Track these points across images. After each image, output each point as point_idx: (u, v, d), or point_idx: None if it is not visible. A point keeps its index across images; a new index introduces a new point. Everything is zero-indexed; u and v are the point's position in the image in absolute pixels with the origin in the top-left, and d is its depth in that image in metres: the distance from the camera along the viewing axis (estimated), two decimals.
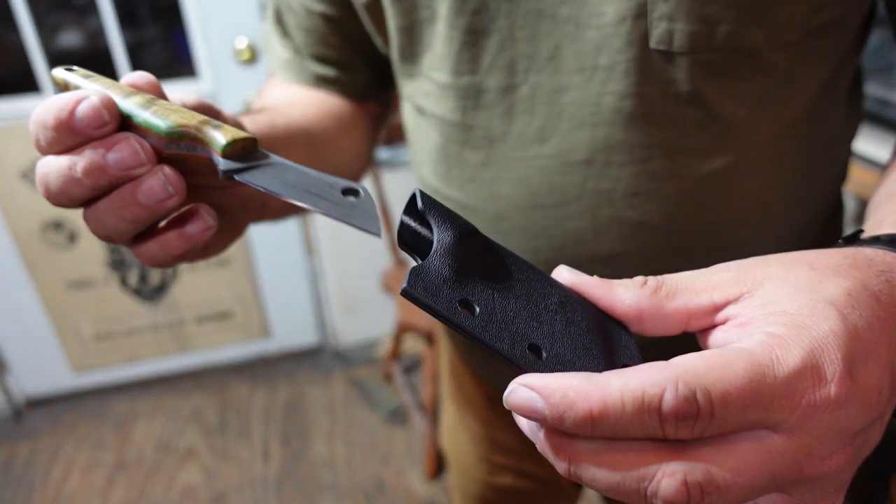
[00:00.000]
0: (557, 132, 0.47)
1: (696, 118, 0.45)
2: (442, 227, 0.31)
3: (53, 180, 0.33)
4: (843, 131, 0.54)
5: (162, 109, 0.34)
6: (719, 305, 0.28)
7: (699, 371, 0.24)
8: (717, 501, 0.24)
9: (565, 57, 0.45)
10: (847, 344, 0.25)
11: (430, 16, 0.49)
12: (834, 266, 0.29)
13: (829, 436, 0.25)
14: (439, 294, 0.28)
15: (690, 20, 0.41)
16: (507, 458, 0.75)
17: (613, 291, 0.30)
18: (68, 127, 0.32)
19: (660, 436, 0.24)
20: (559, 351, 0.28)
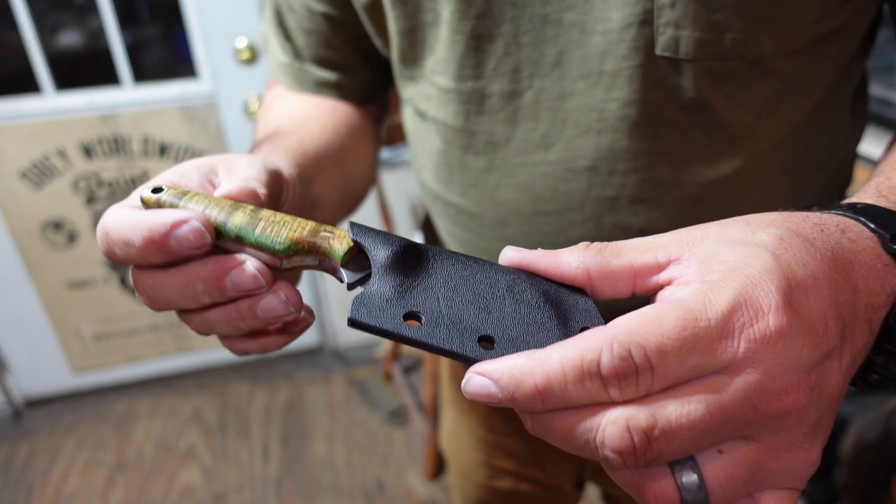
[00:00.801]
0: (561, 138, 0.47)
1: (700, 125, 0.45)
2: (375, 250, 0.32)
3: (162, 294, 0.33)
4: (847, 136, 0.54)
5: (269, 225, 0.33)
6: (662, 264, 0.29)
7: (632, 328, 0.24)
8: (667, 447, 0.25)
9: (570, 63, 0.45)
10: (781, 277, 0.26)
11: (433, 19, 0.48)
12: (768, 220, 0.30)
13: (778, 369, 0.25)
14: (383, 314, 0.30)
15: (697, 27, 0.41)
16: (508, 461, 0.75)
17: (558, 258, 0.30)
18: (162, 248, 0.31)
19: (607, 399, 0.25)
20: (511, 334, 0.29)
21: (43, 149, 1.78)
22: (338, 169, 0.54)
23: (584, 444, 0.25)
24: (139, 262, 0.33)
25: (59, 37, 1.74)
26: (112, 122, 1.79)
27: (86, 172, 1.83)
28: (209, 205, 0.34)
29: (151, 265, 0.33)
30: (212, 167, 0.38)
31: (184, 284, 0.32)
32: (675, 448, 0.25)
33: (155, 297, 0.34)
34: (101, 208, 1.89)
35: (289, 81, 0.61)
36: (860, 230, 0.31)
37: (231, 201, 0.34)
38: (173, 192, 0.34)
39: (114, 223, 0.32)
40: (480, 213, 0.53)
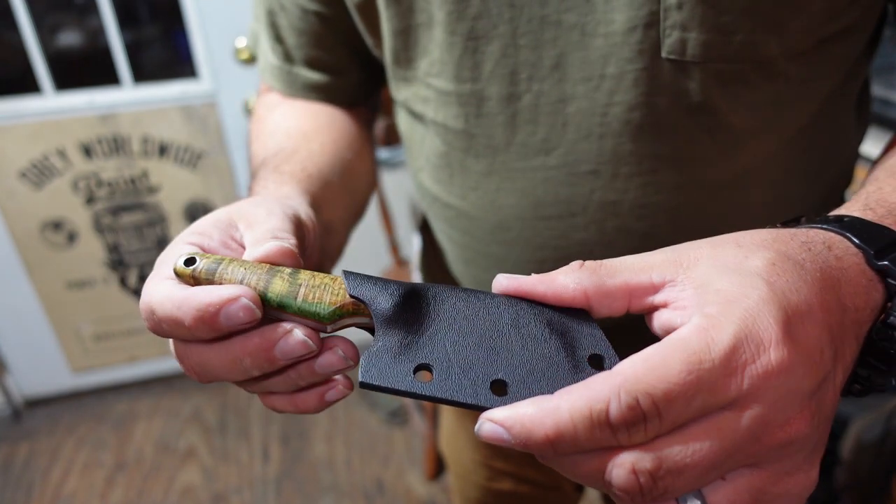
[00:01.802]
0: (562, 143, 0.47)
1: (705, 128, 0.45)
2: (375, 301, 0.32)
3: (210, 370, 0.33)
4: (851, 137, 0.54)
5: (311, 290, 0.33)
6: (657, 285, 0.29)
7: (638, 375, 0.25)
8: (672, 484, 0.25)
9: (570, 65, 0.44)
10: (778, 308, 0.26)
11: (426, 20, 0.48)
12: (758, 241, 0.30)
13: (780, 401, 0.26)
14: (394, 373, 0.29)
15: (704, 29, 0.40)
16: (507, 463, 0.74)
17: (555, 282, 0.30)
18: (213, 327, 0.31)
19: (615, 444, 0.25)
20: (521, 375, 0.29)
21: (43, 149, 1.78)
22: (344, 187, 0.54)
23: (593, 481, 0.27)
24: (188, 338, 0.32)
25: (58, 37, 1.74)
26: (112, 122, 1.79)
27: (85, 172, 1.83)
28: (246, 273, 0.33)
29: (199, 340, 0.32)
30: (230, 222, 0.38)
31: (231, 360, 0.32)
32: (681, 485, 0.26)
33: (203, 373, 0.33)
34: (100, 208, 1.89)
35: (279, 85, 0.60)
36: (846, 246, 0.31)
37: (266, 265, 0.34)
38: (208, 262, 0.33)
39: (159, 302, 0.32)
40: (480, 217, 0.52)
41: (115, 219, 1.91)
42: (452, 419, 0.80)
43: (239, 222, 0.38)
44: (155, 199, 1.91)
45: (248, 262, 0.34)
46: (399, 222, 2.02)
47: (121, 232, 1.94)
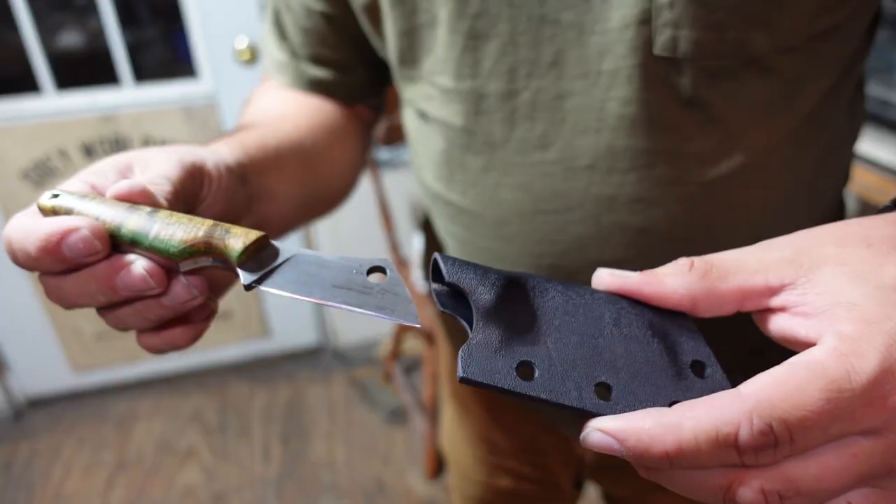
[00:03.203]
0: (560, 138, 0.47)
1: (699, 124, 0.45)
2: (476, 291, 0.30)
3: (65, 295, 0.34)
4: (846, 135, 0.54)
5: (164, 227, 0.33)
6: (774, 288, 0.28)
7: (772, 400, 0.23)
8: (801, 503, 0.25)
9: (568, 62, 0.45)
10: None
11: (430, 20, 0.48)
12: (890, 239, 0.28)
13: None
14: (495, 369, 0.28)
15: (696, 27, 0.41)
16: (506, 459, 0.75)
17: (663, 285, 0.29)
18: (56, 256, 0.32)
19: (740, 464, 0.24)
20: (625, 378, 0.28)
21: (44, 149, 1.78)
22: (304, 166, 0.54)
23: (708, 496, 0.26)
24: (40, 269, 0.33)
25: (59, 37, 1.74)
26: (113, 123, 1.79)
27: None
28: (105, 209, 0.33)
29: (52, 272, 0.33)
30: (129, 164, 0.38)
31: (80, 284, 0.33)
32: (807, 503, 0.25)
33: (60, 298, 0.34)
34: None
35: (283, 78, 0.61)
36: None
37: (129, 204, 0.34)
38: (69, 198, 0.34)
39: (13, 231, 0.33)
40: (480, 213, 0.53)
41: None
42: (453, 416, 0.81)
43: (135, 165, 0.38)
44: None
45: (110, 201, 0.34)
46: (399, 222, 2.03)
47: None
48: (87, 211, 0.33)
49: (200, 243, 0.33)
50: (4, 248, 0.34)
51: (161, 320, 0.35)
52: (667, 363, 0.28)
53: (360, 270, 0.32)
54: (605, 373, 0.28)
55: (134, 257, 0.33)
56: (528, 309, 0.30)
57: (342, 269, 0.33)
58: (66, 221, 0.32)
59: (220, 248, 0.33)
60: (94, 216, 0.33)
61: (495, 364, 0.28)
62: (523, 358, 0.28)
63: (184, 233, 0.33)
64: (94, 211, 0.33)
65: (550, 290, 0.31)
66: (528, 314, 0.30)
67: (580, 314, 0.30)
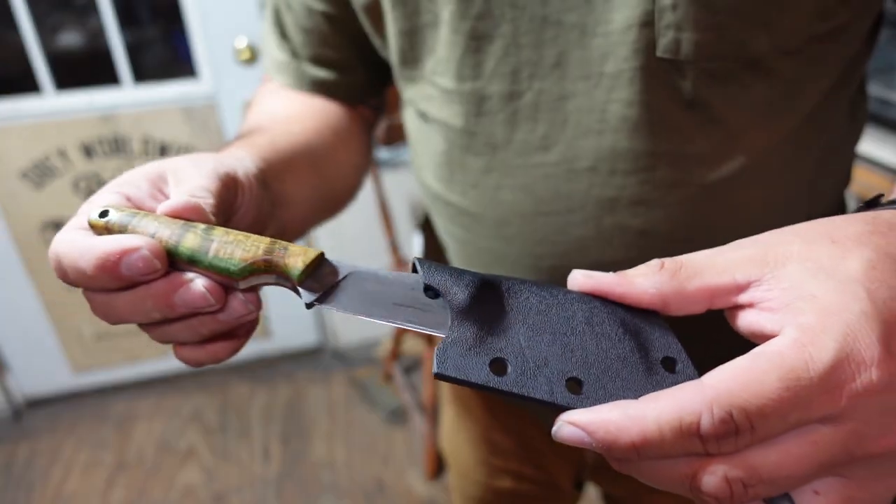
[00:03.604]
0: (561, 140, 0.47)
1: (700, 126, 0.45)
2: (450, 291, 0.31)
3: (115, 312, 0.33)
4: (847, 137, 0.54)
5: (223, 246, 0.33)
6: (742, 285, 0.28)
7: (732, 390, 0.24)
8: (764, 491, 0.25)
9: (570, 64, 0.45)
10: (880, 322, 0.25)
11: (432, 20, 0.48)
12: (855, 235, 0.28)
13: (878, 417, 0.25)
14: (469, 365, 0.29)
15: (698, 29, 0.41)
16: (506, 460, 0.75)
17: (634, 285, 0.30)
18: (113, 276, 0.32)
19: (703, 452, 0.25)
20: (596, 374, 0.29)
21: (43, 149, 1.78)
22: (314, 169, 0.54)
23: (676, 486, 0.26)
24: (93, 287, 0.33)
25: (59, 37, 1.74)
26: (112, 123, 1.79)
27: (86, 172, 1.84)
28: (159, 227, 0.33)
29: (106, 289, 0.33)
30: (160, 175, 0.38)
31: (134, 302, 0.33)
32: (771, 492, 0.26)
33: (109, 314, 0.34)
34: None
35: (284, 79, 0.61)
36: None
37: (182, 221, 0.34)
38: (121, 215, 0.34)
39: (65, 251, 0.32)
40: (481, 214, 0.53)
41: None
42: (453, 417, 0.81)
43: (169, 176, 0.38)
44: None
45: (163, 218, 0.34)
46: (399, 222, 2.03)
47: None
48: (141, 228, 0.33)
49: (260, 262, 0.33)
50: (52, 265, 0.33)
51: (211, 335, 0.35)
52: (637, 359, 0.29)
53: (416, 287, 0.33)
54: (577, 369, 0.29)
55: (192, 275, 0.33)
56: (502, 308, 0.31)
57: (401, 286, 0.33)
58: (126, 241, 0.31)
59: (280, 267, 0.33)
60: (149, 234, 0.33)
61: (469, 360, 0.29)
62: (496, 355, 0.29)
63: (243, 252, 0.33)
64: (149, 228, 0.33)
65: (524, 291, 0.32)
66: (502, 313, 0.31)
67: (553, 313, 0.31)
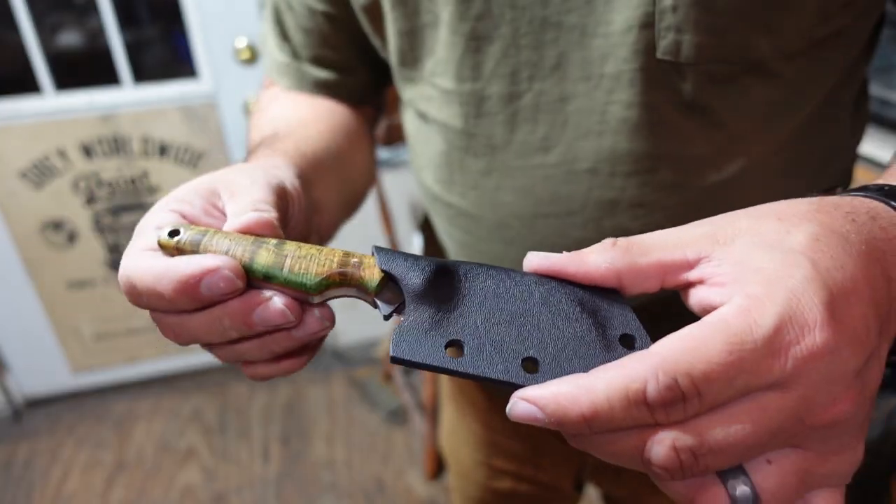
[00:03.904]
0: (561, 141, 0.47)
1: (701, 128, 0.45)
2: (407, 278, 0.32)
3: (188, 332, 0.33)
4: (848, 139, 0.54)
5: (296, 261, 0.33)
6: (692, 262, 0.29)
7: (676, 356, 0.24)
8: (714, 462, 0.25)
9: (570, 65, 0.45)
10: (823, 287, 0.25)
11: (432, 20, 0.48)
12: (800, 213, 0.29)
13: (826, 383, 0.25)
14: (426, 348, 0.29)
15: (698, 31, 0.40)
16: (507, 462, 0.75)
17: (586, 262, 0.30)
18: (194, 298, 0.31)
19: (653, 423, 0.25)
20: (553, 353, 0.29)
21: (43, 149, 1.78)
22: (337, 172, 0.54)
23: (629, 459, 0.26)
24: (169, 310, 0.33)
25: (59, 37, 1.74)
26: (112, 122, 1.79)
27: (86, 172, 1.83)
28: (231, 244, 0.33)
29: (181, 311, 0.33)
30: (213, 189, 0.38)
31: (211, 321, 0.33)
32: (723, 462, 0.26)
33: (181, 335, 0.34)
34: (101, 208, 1.89)
35: (286, 81, 0.61)
36: (891, 216, 0.30)
37: (252, 237, 0.33)
38: (192, 234, 0.33)
39: (139, 276, 0.32)
40: (480, 215, 0.52)
41: (115, 219, 1.91)
42: (453, 417, 0.80)
43: (222, 191, 0.38)
44: (155, 199, 1.91)
45: (232, 234, 0.34)
46: (399, 222, 2.03)
47: (121, 232, 1.94)
48: (214, 247, 0.33)
49: (336, 275, 0.33)
50: (124, 290, 0.33)
51: (284, 352, 0.35)
52: (595, 337, 0.29)
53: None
54: (534, 349, 0.29)
55: (270, 293, 0.33)
56: (459, 292, 0.31)
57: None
58: (205, 262, 0.31)
59: (356, 280, 0.33)
60: (222, 252, 0.33)
61: (425, 343, 0.30)
62: (452, 337, 0.30)
63: (318, 266, 0.33)
64: (221, 246, 0.33)
65: (482, 275, 0.32)
66: (459, 297, 0.31)
67: (510, 295, 0.31)
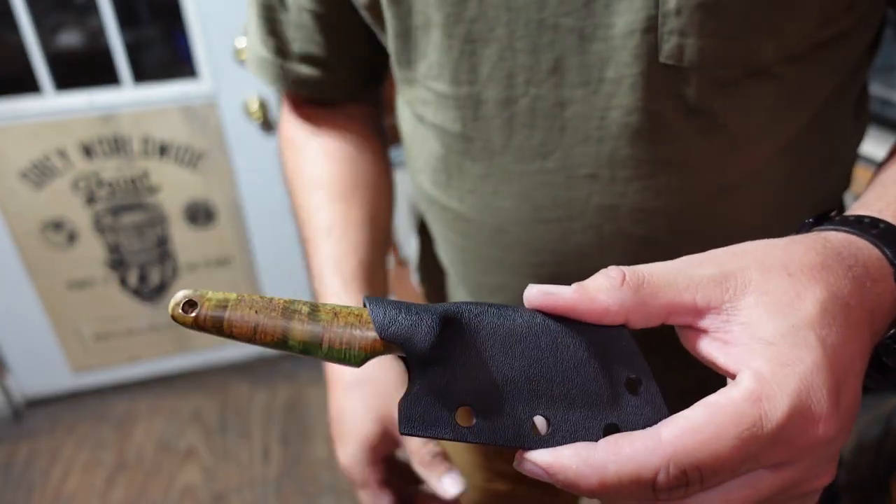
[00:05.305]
0: (560, 146, 0.46)
1: (703, 132, 0.44)
2: (410, 342, 0.29)
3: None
4: (849, 141, 0.54)
5: (336, 336, 0.30)
6: (701, 309, 0.29)
7: (689, 449, 0.25)
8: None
9: (568, 69, 0.44)
10: (831, 374, 0.26)
11: (423, 22, 0.47)
12: (809, 268, 0.29)
13: (818, 463, 0.27)
14: (435, 419, 0.29)
15: (702, 35, 0.40)
16: (505, 464, 0.74)
17: (596, 302, 0.29)
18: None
19: (654, 499, 0.26)
20: (562, 409, 0.29)
21: (43, 149, 1.78)
22: (377, 232, 0.61)
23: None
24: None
25: (59, 37, 1.74)
26: (112, 122, 1.79)
27: (86, 172, 1.83)
28: (259, 319, 0.29)
29: None
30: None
31: None
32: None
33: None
34: (101, 208, 1.89)
35: (266, 78, 0.61)
36: (882, 266, 0.31)
37: (281, 303, 0.30)
38: (212, 310, 0.29)
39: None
40: (478, 220, 0.52)
41: (115, 219, 1.91)
42: None
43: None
44: (155, 199, 1.91)
45: (256, 301, 0.30)
46: (399, 222, 2.03)
47: (121, 232, 1.94)
48: (240, 325, 0.29)
49: (380, 346, 0.31)
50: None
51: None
52: (602, 384, 0.29)
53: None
54: (543, 405, 0.29)
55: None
56: (464, 346, 0.30)
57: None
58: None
59: (393, 350, 0.31)
60: (250, 329, 0.29)
61: (434, 413, 0.29)
62: (461, 403, 0.29)
63: (360, 339, 0.30)
64: (248, 324, 0.29)
65: (485, 320, 0.30)
66: (464, 352, 0.30)
67: (518, 343, 0.30)
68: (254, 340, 0.29)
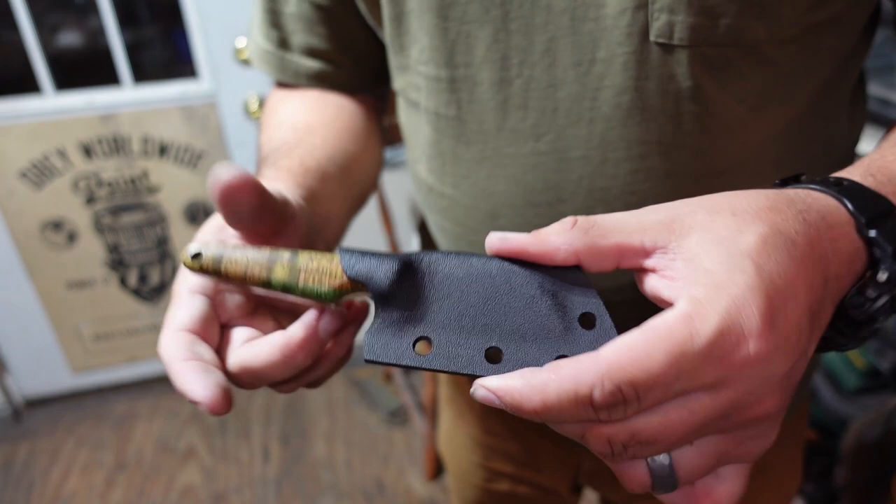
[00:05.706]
0: (553, 128, 0.47)
1: (694, 115, 0.44)
2: (372, 279, 0.34)
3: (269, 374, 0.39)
4: (845, 134, 0.53)
5: (310, 275, 0.35)
6: (649, 249, 0.30)
7: (623, 364, 0.26)
8: (643, 452, 0.28)
9: (561, 50, 0.44)
10: (764, 296, 0.27)
11: (416, 6, 0.48)
12: (754, 210, 0.30)
13: (755, 387, 0.27)
14: (395, 348, 0.32)
15: (692, 12, 0.40)
16: (504, 464, 0.74)
17: (546, 243, 0.31)
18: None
19: (596, 419, 0.28)
20: (515, 341, 0.32)
21: (43, 149, 1.78)
22: (343, 180, 0.54)
23: (574, 437, 0.29)
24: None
25: (59, 37, 1.74)
26: (112, 122, 1.79)
27: (86, 172, 1.83)
28: (248, 262, 0.36)
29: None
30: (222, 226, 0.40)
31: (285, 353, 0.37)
32: (649, 452, 0.29)
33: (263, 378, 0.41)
34: (100, 208, 1.89)
35: (269, 70, 0.61)
36: (840, 214, 0.32)
37: (266, 251, 0.36)
38: (212, 254, 0.36)
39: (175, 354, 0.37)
40: (472, 205, 0.52)
41: (115, 219, 1.91)
42: (450, 420, 0.80)
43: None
44: (155, 199, 1.92)
45: (249, 250, 0.36)
46: (399, 222, 2.03)
47: (121, 232, 1.94)
48: (234, 266, 0.36)
49: (348, 284, 0.35)
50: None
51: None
52: (555, 320, 0.31)
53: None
54: (496, 337, 0.31)
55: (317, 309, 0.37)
56: (423, 286, 0.33)
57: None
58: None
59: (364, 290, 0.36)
60: (241, 270, 0.36)
61: (395, 343, 0.32)
62: (420, 334, 0.32)
63: (330, 277, 0.35)
64: (240, 265, 0.36)
65: (446, 264, 0.34)
66: (423, 291, 0.33)
67: (474, 282, 0.33)
68: (245, 281, 0.35)
